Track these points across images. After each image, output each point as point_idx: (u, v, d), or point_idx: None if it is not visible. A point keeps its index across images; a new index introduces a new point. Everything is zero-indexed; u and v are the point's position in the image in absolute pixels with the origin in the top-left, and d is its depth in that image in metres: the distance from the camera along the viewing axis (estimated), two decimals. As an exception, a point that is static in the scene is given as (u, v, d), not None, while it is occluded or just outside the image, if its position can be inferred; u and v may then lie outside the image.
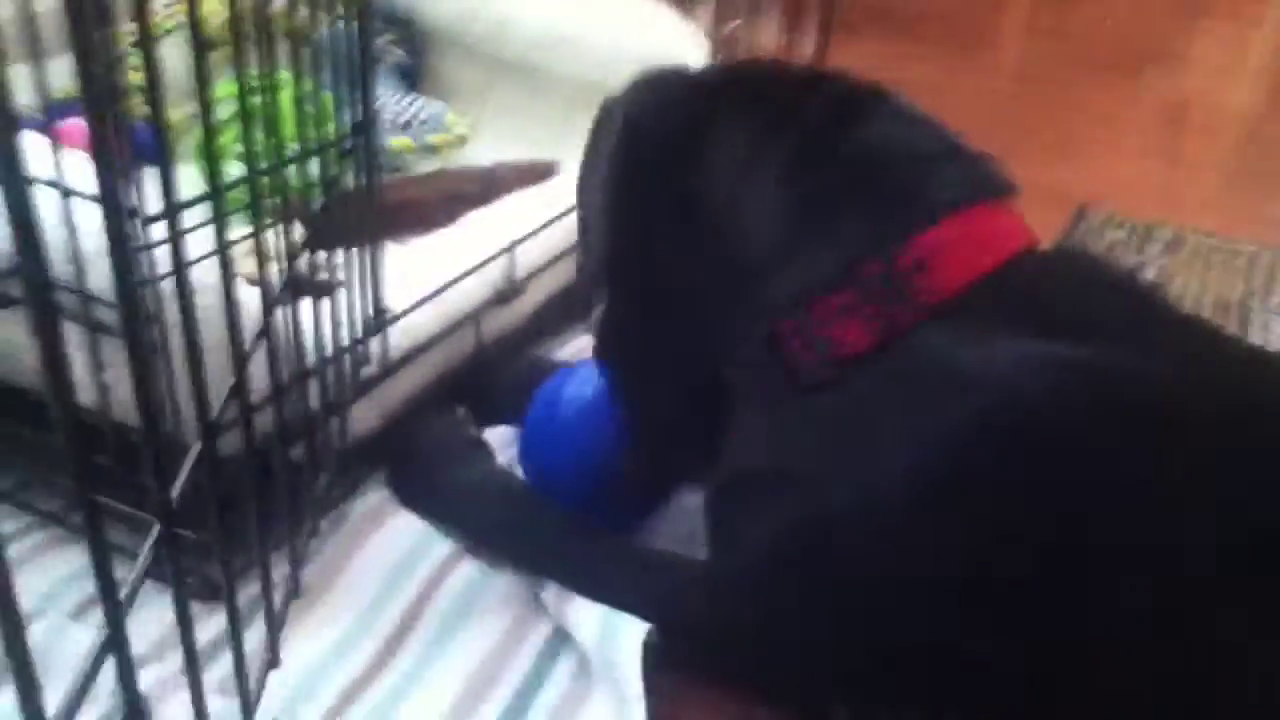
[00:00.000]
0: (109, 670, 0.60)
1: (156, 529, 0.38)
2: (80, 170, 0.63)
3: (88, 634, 0.64)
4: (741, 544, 0.65)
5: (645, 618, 0.66)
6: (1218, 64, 2.30)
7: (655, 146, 0.64)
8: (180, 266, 0.38)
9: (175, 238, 0.38)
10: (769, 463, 0.62)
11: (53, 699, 0.32)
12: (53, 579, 0.71)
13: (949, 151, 0.63)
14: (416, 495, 0.79)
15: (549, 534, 0.74)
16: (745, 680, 0.68)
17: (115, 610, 0.32)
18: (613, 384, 0.73)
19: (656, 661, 0.65)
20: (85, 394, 0.67)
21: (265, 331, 0.49)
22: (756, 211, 0.61)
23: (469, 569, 0.74)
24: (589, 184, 0.71)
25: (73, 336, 0.63)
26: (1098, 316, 0.58)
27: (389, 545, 0.75)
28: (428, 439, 0.81)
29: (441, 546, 0.75)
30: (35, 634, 0.62)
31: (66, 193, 0.60)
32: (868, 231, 0.59)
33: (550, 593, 0.71)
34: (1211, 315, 1.21)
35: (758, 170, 0.61)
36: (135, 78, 1.11)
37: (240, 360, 0.43)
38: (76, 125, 1.17)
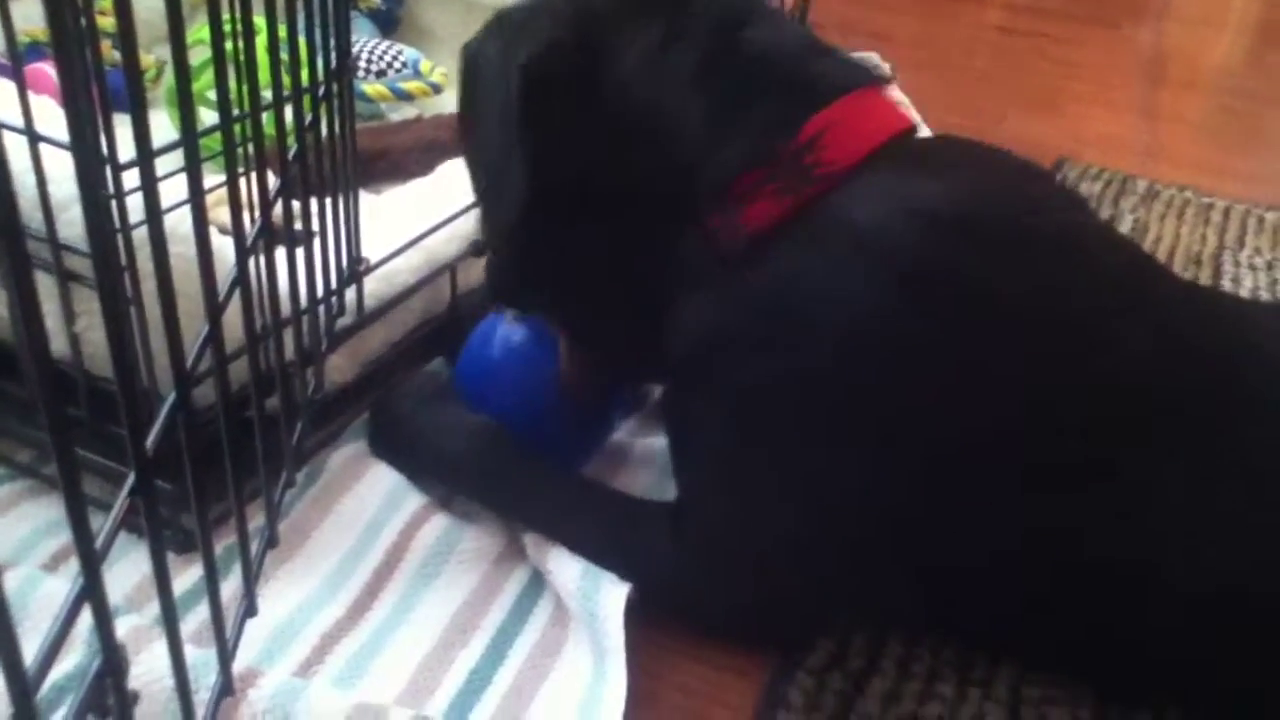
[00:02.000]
0: (84, 620, 0.61)
1: (131, 479, 0.37)
2: (49, 116, 0.62)
3: (62, 585, 0.64)
4: (699, 442, 0.68)
5: (621, 576, 0.67)
6: (1197, 18, 2.30)
7: (558, 79, 0.64)
8: (155, 214, 0.38)
9: (149, 185, 0.37)
10: (705, 340, 0.66)
11: (28, 649, 0.32)
12: (25, 531, 0.71)
13: (827, 49, 0.68)
14: (394, 448, 0.79)
15: (522, 482, 0.74)
16: (725, 625, 0.70)
17: (91, 558, 0.32)
18: (543, 315, 0.76)
19: (636, 616, 0.65)
20: (56, 344, 0.67)
21: (240, 280, 0.48)
22: (674, 112, 0.64)
23: (444, 519, 0.74)
24: (483, 134, 0.70)
25: (42, 286, 0.62)
26: (978, 170, 0.66)
27: (365, 496, 0.75)
28: (403, 392, 0.81)
29: (417, 497, 0.76)
30: (9, 585, 0.61)
31: (35, 138, 0.59)
32: (770, 118, 0.64)
33: (530, 539, 0.72)
34: (1183, 267, 1.22)
35: (668, 75, 0.65)
36: (105, 22, 1.09)
37: (214, 309, 0.43)
38: (43, 69, 1.15)
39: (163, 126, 1.02)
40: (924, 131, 1.27)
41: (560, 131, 0.64)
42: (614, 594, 0.66)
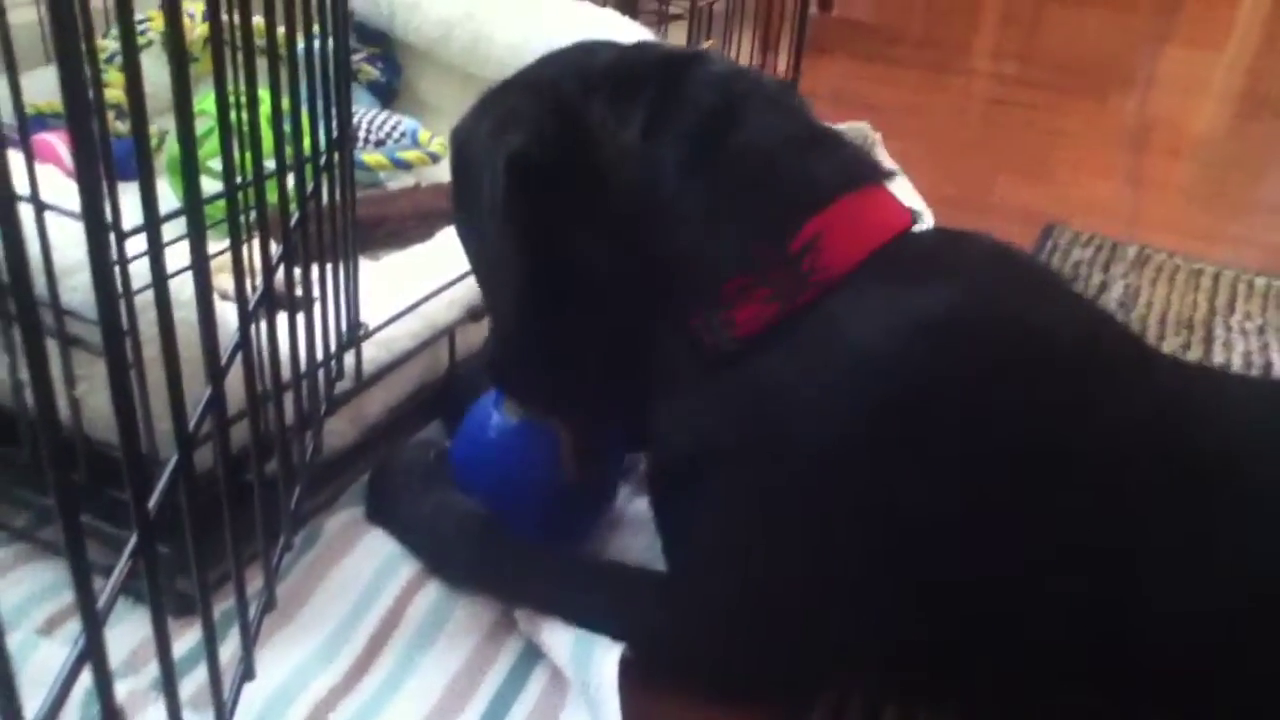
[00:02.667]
0: (80, 684, 0.60)
1: (131, 542, 0.38)
2: (54, 185, 0.63)
3: (57, 650, 0.63)
4: (686, 532, 0.68)
5: (613, 636, 0.67)
6: (1181, 87, 2.34)
7: (546, 157, 0.64)
8: (160, 280, 0.38)
9: (156, 251, 0.38)
10: (687, 446, 0.65)
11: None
12: (19, 596, 0.71)
13: (827, 138, 0.66)
14: (385, 521, 0.78)
15: (510, 563, 0.73)
16: (722, 688, 0.69)
17: (93, 620, 0.32)
18: (536, 400, 0.75)
19: (631, 681, 0.65)
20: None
21: (242, 345, 0.49)
22: (658, 213, 0.63)
23: (438, 587, 0.74)
24: (470, 218, 0.70)
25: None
26: (963, 273, 0.64)
27: (361, 562, 0.75)
28: (395, 465, 0.81)
29: (412, 564, 0.75)
30: (5, 649, 0.61)
31: (41, 207, 0.60)
32: (763, 219, 0.62)
33: (522, 611, 0.71)
34: (1175, 333, 1.23)
35: (651, 173, 0.63)
36: (113, 94, 1.10)
37: (217, 373, 0.44)
38: (45, 140, 1.16)
39: (164, 195, 1.03)
40: (919, 207, 1.29)
41: (544, 223, 0.64)
42: (607, 659, 0.65)
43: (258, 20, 0.57)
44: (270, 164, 0.62)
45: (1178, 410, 0.64)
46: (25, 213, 0.61)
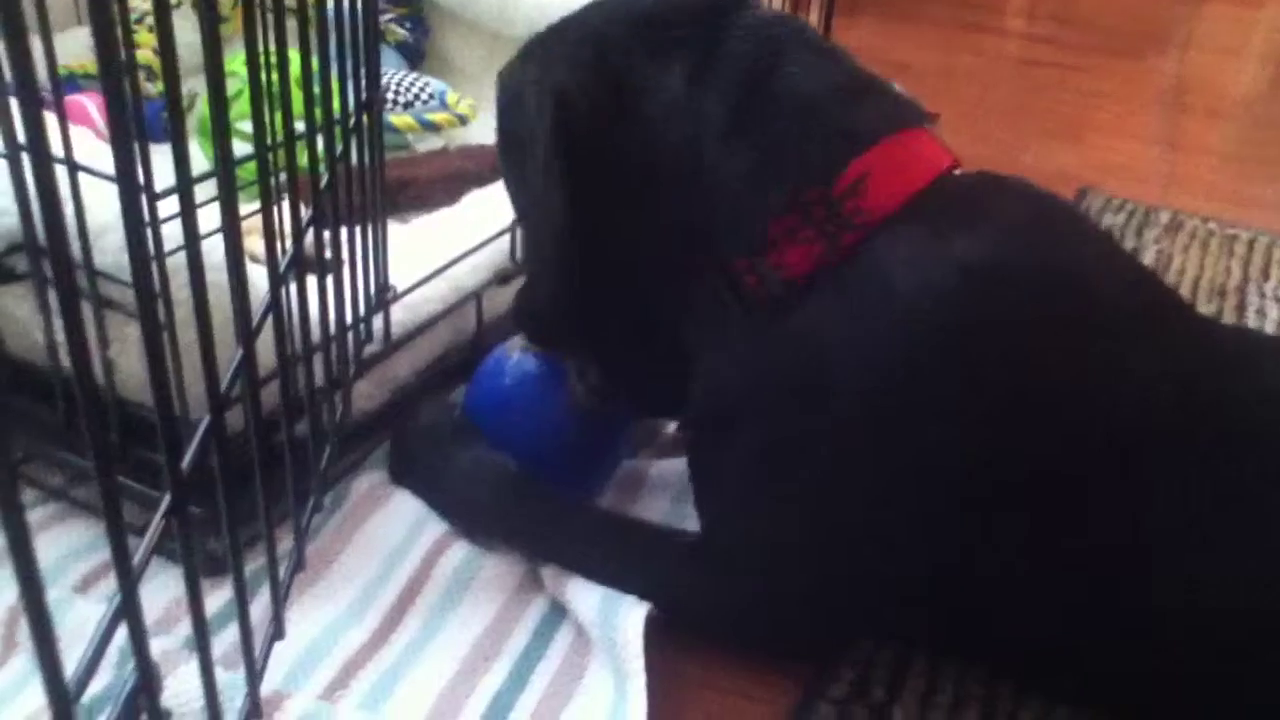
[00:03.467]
0: (113, 644, 0.61)
1: (165, 502, 0.38)
2: (86, 146, 0.64)
3: (93, 607, 0.65)
4: (723, 484, 0.68)
5: (641, 594, 0.67)
6: (1220, 47, 2.30)
7: (587, 115, 0.64)
8: (193, 240, 0.38)
9: (188, 213, 0.38)
10: (731, 397, 0.66)
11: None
12: (55, 554, 0.72)
13: (868, 85, 0.66)
14: (411, 481, 0.79)
15: (540, 520, 0.74)
16: (751, 646, 0.70)
17: (128, 576, 0.32)
18: (560, 346, 0.75)
19: (656, 640, 0.66)
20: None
21: (272, 306, 0.49)
22: (703, 162, 0.63)
23: (465, 547, 0.75)
24: (518, 162, 0.70)
25: (78, 311, 0.63)
26: (1006, 219, 0.64)
27: (389, 522, 0.76)
28: (418, 425, 0.81)
29: (438, 525, 0.76)
30: (42, 606, 0.62)
31: (74, 168, 0.60)
32: (808, 164, 0.62)
33: (548, 570, 0.72)
34: (1208, 300, 1.21)
35: (697, 124, 0.63)
36: (143, 55, 1.10)
37: (249, 334, 0.44)
38: (78, 101, 1.17)
39: (193, 157, 1.03)
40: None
41: (587, 167, 0.64)
42: (633, 618, 0.66)
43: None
44: (300, 126, 0.62)
45: (1216, 366, 0.63)
46: (59, 175, 0.62)
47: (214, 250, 0.47)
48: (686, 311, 0.67)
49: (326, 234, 0.68)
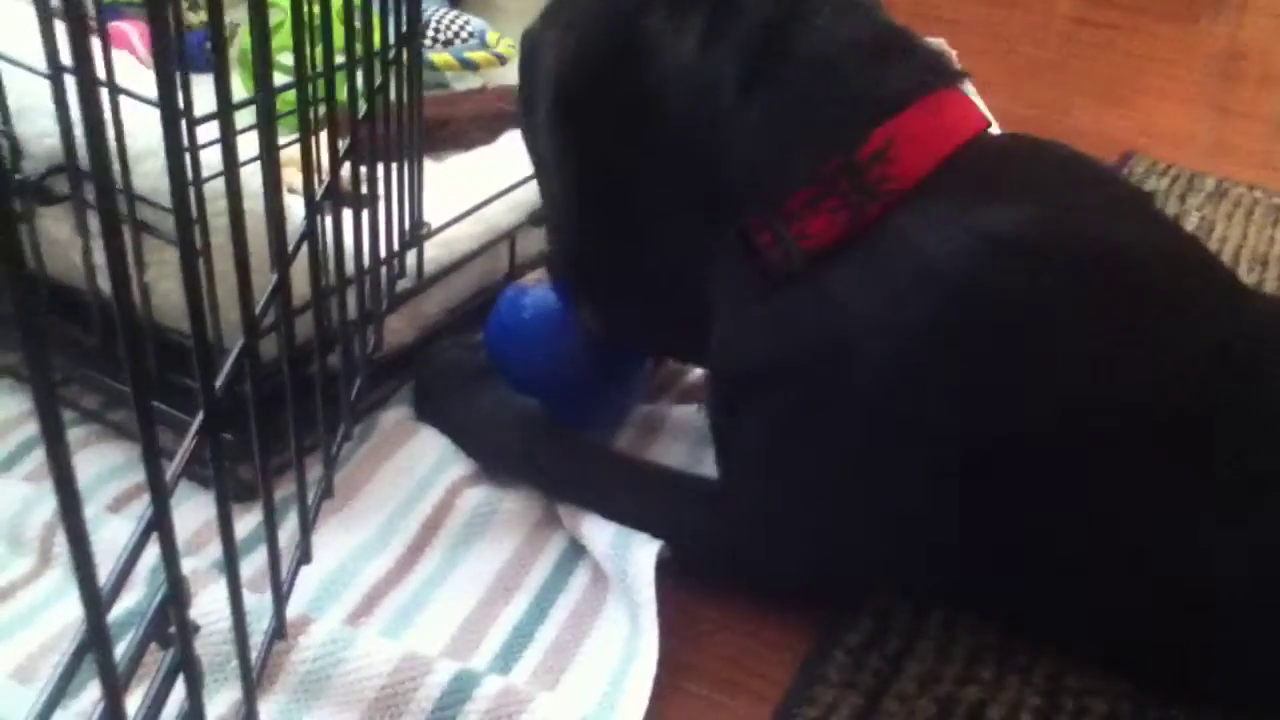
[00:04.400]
0: (144, 563, 0.63)
1: (198, 420, 0.39)
2: (129, 71, 0.64)
3: (126, 526, 0.66)
4: (744, 444, 0.68)
5: (660, 538, 0.68)
6: (1278, 12, 2.24)
7: (599, 68, 0.63)
8: (232, 167, 0.39)
9: (228, 138, 0.38)
10: (753, 362, 0.65)
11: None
12: (89, 475, 0.73)
13: (898, 41, 0.64)
14: (435, 418, 0.80)
15: (562, 461, 0.75)
16: (766, 591, 0.71)
17: (160, 488, 0.33)
18: (580, 296, 0.75)
19: (668, 576, 0.67)
20: (128, 293, 0.69)
21: (308, 235, 0.49)
22: (718, 123, 0.61)
23: (488, 483, 0.76)
24: (533, 122, 0.70)
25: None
26: (1041, 191, 0.62)
27: (415, 455, 0.77)
28: (441, 364, 0.82)
29: (463, 461, 0.77)
30: (77, 522, 0.63)
31: (116, 91, 0.61)
32: (829, 128, 0.60)
33: (565, 507, 0.73)
34: (1250, 269, 1.20)
35: (711, 83, 0.61)
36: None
37: (284, 259, 0.44)
38: (120, 28, 1.17)
39: (235, 89, 1.04)
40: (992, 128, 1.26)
41: (600, 130, 0.64)
42: (644, 551, 0.67)
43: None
44: (340, 59, 0.62)
45: (1258, 341, 0.62)
46: (100, 98, 0.62)
47: (251, 178, 0.47)
48: (706, 273, 0.66)
49: (363, 168, 0.68)
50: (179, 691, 0.41)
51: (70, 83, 0.57)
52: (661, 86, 0.63)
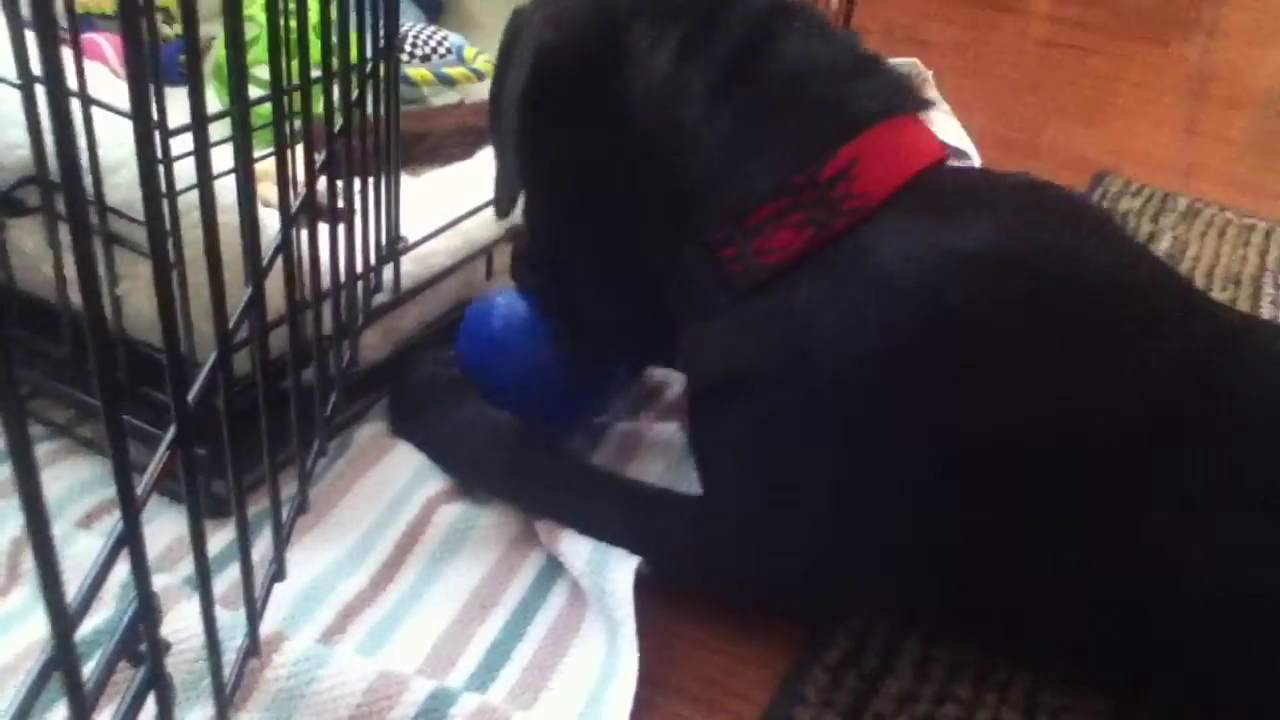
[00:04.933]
0: (114, 579, 0.62)
1: (169, 434, 0.38)
2: (102, 83, 0.64)
3: (96, 542, 0.65)
4: (717, 452, 0.68)
5: (637, 553, 0.68)
6: (1247, 38, 2.28)
7: (575, 65, 0.64)
8: (205, 179, 0.38)
9: (201, 149, 0.38)
10: (715, 371, 0.66)
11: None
12: (60, 490, 0.72)
13: (867, 66, 0.65)
14: (411, 433, 0.79)
15: (539, 476, 0.74)
16: (742, 601, 0.71)
17: (131, 503, 0.32)
18: (543, 301, 0.76)
19: (646, 594, 0.66)
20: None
21: (283, 247, 0.49)
22: (686, 136, 0.62)
23: (464, 500, 0.75)
24: (501, 102, 0.70)
25: (89, 248, 0.63)
26: (1000, 210, 0.63)
27: (390, 471, 0.76)
28: (417, 380, 0.81)
29: (439, 477, 0.76)
30: (45, 538, 0.62)
31: (88, 102, 0.60)
32: (795, 145, 0.61)
33: (542, 524, 0.72)
34: (1223, 288, 1.21)
35: (682, 96, 0.62)
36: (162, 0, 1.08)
37: (258, 272, 0.44)
38: (93, 39, 1.17)
39: (210, 102, 1.03)
40: (971, 153, 1.27)
41: (565, 126, 0.64)
42: (623, 568, 0.66)
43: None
44: (316, 73, 0.62)
45: (1219, 354, 0.62)
46: (72, 109, 0.62)
47: (226, 192, 0.47)
48: (668, 281, 0.67)
49: (340, 182, 0.68)
50: (149, 710, 0.41)
51: (42, 93, 0.56)
52: (632, 94, 0.63)
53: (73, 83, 0.62)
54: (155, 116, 0.58)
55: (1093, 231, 0.65)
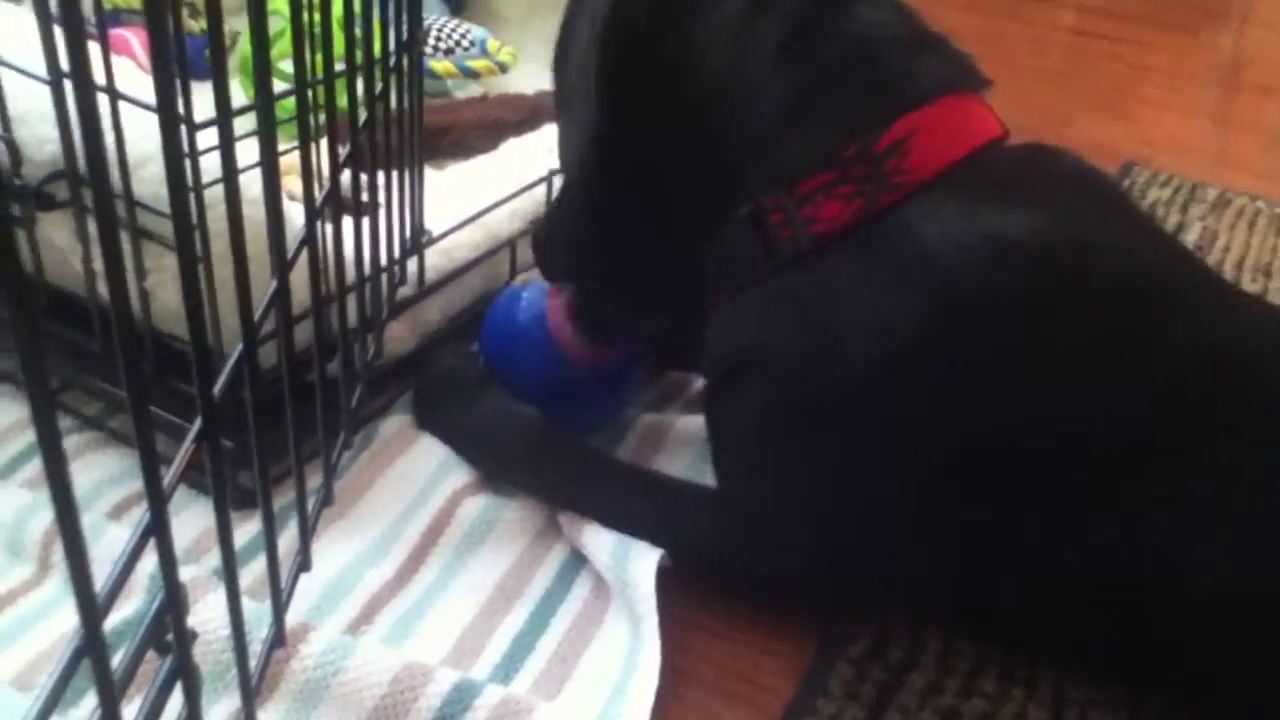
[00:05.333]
0: (142, 569, 0.62)
1: (196, 426, 0.39)
2: (129, 78, 0.64)
3: (125, 533, 0.66)
4: (735, 433, 0.68)
5: (660, 546, 0.68)
6: (1277, 25, 2.25)
7: (647, 15, 0.63)
8: (231, 172, 0.39)
9: (226, 143, 0.38)
10: (749, 343, 0.65)
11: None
12: (89, 482, 0.73)
13: (930, 41, 0.65)
14: (435, 426, 0.80)
15: (561, 467, 0.75)
16: (762, 594, 0.71)
17: (158, 494, 0.33)
18: (578, 270, 0.75)
19: (669, 586, 0.66)
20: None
21: (308, 239, 0.49)
22: (748, 90, 0.62)
23: (488, 492, 0.75)
24: (566, 65, 0.70)
25: (117, 242, 0.64)
26: (1049, 198, 0.62)
27: (415, 464, 0.77)
28: (441, 372, 0.82)
29: (464, 469, 0.77)
30: (75, 529, 0.63)
31: (116, 97, 0.61)
32: (851, 115, 0.61)
33: (566, 516, 0.73)
34: (1253, 279, 1.19)
35: (749, 49, 0.62)
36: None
37: (283, 265, 0.44)
38: (121, 35, 1.18)
39: (235, 95, 1.04)
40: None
41: (634, 77, 0.63)
42: (645, 561, 0.66)
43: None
44: (340, 66, 0.62)
45: (1253, 344, 0.62)
46: (100, 103, 0.62)
47: (251, 185, 0.47)
48: (710, 248, 0.66)
49: (364, 175, 0.68)
50: (177, 700, 0.41)
51: (70, 88, 0.56)
52: (703, 43, 0.63)
53: (100, 78, 0.62)
54: (181, 110, 0.58)
55: (1134, 225, 0.65)
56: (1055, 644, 0.68)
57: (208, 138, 0.56)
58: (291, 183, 0.55)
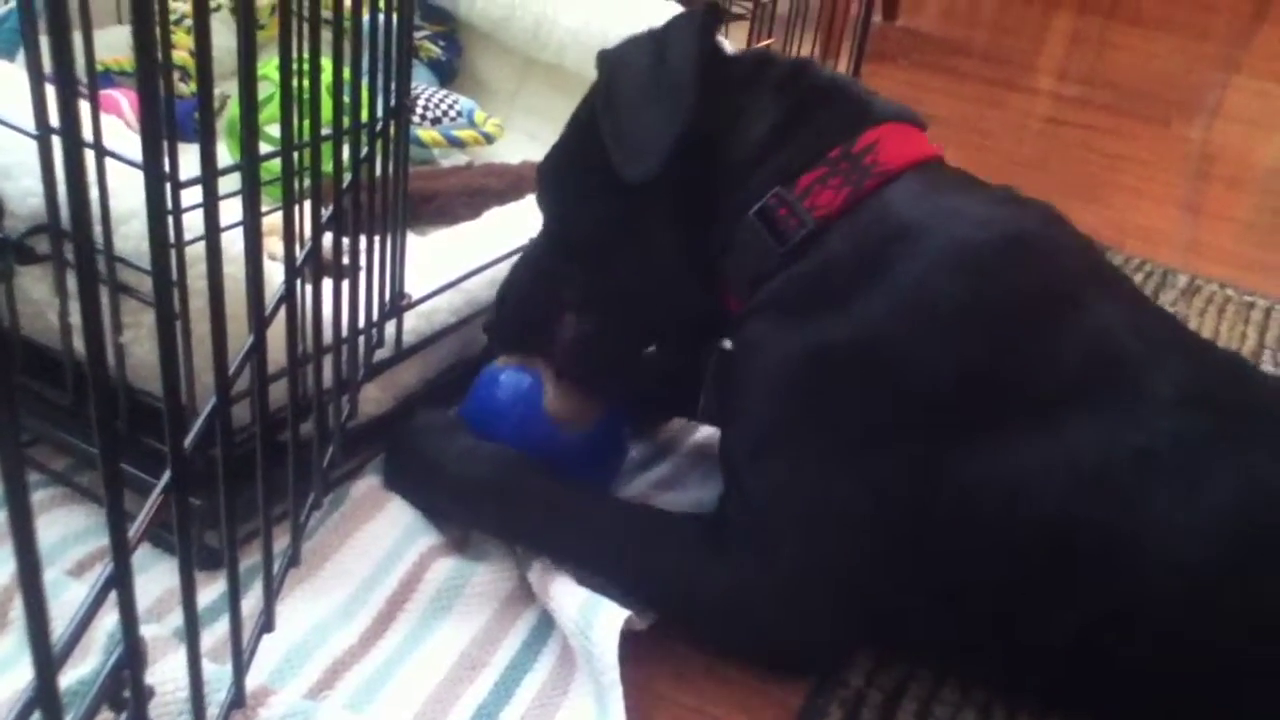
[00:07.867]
0: (102, 627, 0.61)
1: (164, 478, 0.39)
2: (116, 135, 0.65)
3: (86, 590, 0.65)
4: (750, 408, 0.73)
5: (650, 592, 0.70)
6: (1248, 118, 2.31)
7: (711, 52, 0.76)
8: (213, 230, 0.39)
9: (210, 201, 0.39)
10: (775, 309, 0.73)
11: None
12: (53, 537, 0.72)
13: (876, 94, 0.80)
14: (412, 480, 0.79)
15: (536, 500, 0.75)
16: (752, 643, 0.71)
17: (123, 545, 0.33)
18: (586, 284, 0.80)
19: (632, 654, 0.66)
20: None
21: (286, 297, 0.50)
22: (758, 113, 0.76)
23: (458, 557, 0.75)
24: (629, 93, 0.77)
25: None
26: (993, 193, 0.76)
27: (385, 527, 0.76)
28: (418, 427, 0.81)
29: (433, 534, 0.76)
30: (36, 584, 0.62)
31: (102, 153, 0.61)
32: (833, 127, 0.76)
33: (535, 572, 0.72)
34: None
35: (757, 86, 0.77)
36: (179, 56, 1.10)
37: (260, 321, 0.44)
38: (110, 94, 1.19)
39: (221, 157, 1.05)
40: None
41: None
42: (609, 629, 0.66)
43: (324, -15, 0.57)
44: (327, 130, 0.63)
45: (1166, 324, 0.74)
46: (86, 158, 0.63)
47: (233, 244, 0.48)
48: (723, 252, 0.75)
49: (345, 238, 0.69)
50: (130, 759, 0.40)
51: (57, 143, 0.57)
52: (733, 80, 0.78)
53: (88, 134, 0.63)
54: (166, 168, 0.59)
55: (1061, 228, 0.76)
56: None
57: (192, 196, 0.56)
58: (274, 244, 0.55)
